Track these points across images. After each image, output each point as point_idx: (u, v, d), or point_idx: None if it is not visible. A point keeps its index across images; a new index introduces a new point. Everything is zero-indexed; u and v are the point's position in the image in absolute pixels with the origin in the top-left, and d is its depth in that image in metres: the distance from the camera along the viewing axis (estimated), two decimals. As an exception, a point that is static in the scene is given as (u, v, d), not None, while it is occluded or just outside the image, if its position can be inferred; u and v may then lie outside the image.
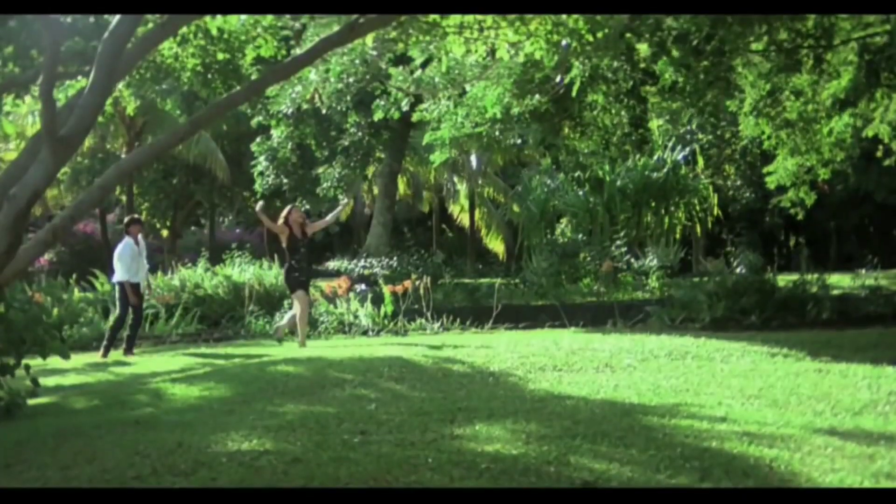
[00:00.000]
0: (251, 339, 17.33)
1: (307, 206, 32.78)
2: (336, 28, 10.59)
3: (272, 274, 19.94)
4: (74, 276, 20.27)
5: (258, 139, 28.36)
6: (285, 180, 29.03)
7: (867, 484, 5.26)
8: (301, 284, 14.76)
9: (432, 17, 11.22)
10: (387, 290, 17.74)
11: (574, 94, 15.52)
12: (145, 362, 13.50)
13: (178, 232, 41.32)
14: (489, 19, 11.46)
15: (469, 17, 11.43)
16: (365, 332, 17.04)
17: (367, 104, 21.17)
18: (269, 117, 22.58)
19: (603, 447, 6.09)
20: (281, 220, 14.86)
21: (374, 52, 16.33)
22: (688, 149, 30.69)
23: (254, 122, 22.60)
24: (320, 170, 27.56)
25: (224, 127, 34.39)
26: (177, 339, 17.55)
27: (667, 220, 28.72)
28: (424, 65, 16.28)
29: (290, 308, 16.04)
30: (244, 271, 20.13)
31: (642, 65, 16.27)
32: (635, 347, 11.78)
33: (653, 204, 28.44)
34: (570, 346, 11.95)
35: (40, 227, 9.52)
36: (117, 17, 7.79)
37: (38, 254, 8.67)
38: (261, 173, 28.63)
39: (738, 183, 35.93)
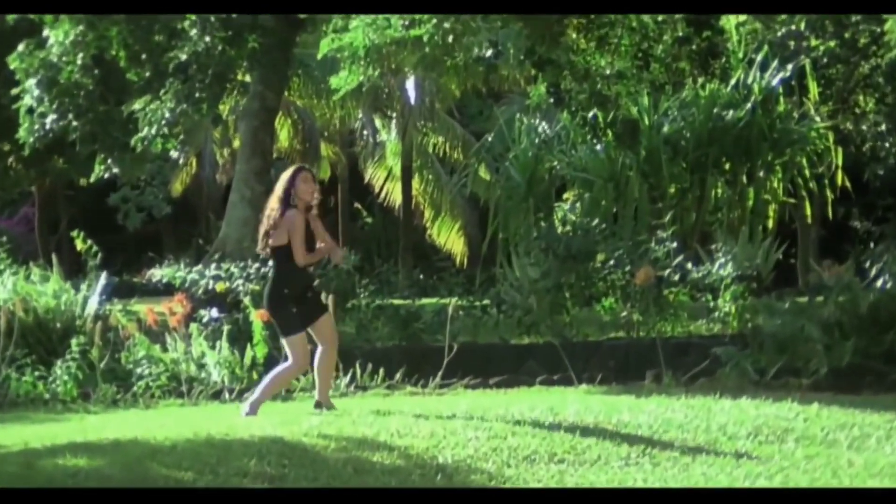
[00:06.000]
0: (13, 406, 17.24)
1: (115, 170, 32.61)
2: None
3: (49, 292, 19.83)
4: None
5: (21, 47, 28.11)
6: (75, 123, 28.78)
7: None
8: (300, 318, 13.60)
9: None
10: (257, 317, 17.65)
11: None
12: None
13: None
14: None
15: None
16: (218, 394, 17.02)
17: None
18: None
19: None
20: (280, 189, 13.61)
21: None
22: (791, 67, 30.49)
23: (10, 16, 22.45)
24: (136, 104, 27.40)
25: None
26: None
27: (751, 194, 28.81)
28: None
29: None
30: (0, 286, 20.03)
31: None
32: (695, 421, 11.84)
33: (727, 166, 28.53)
34: (580, 417, 11.98)
35: None
36: None
37: None
38: (30, 110, 28.36)
39: (883, 128, 36.03)
